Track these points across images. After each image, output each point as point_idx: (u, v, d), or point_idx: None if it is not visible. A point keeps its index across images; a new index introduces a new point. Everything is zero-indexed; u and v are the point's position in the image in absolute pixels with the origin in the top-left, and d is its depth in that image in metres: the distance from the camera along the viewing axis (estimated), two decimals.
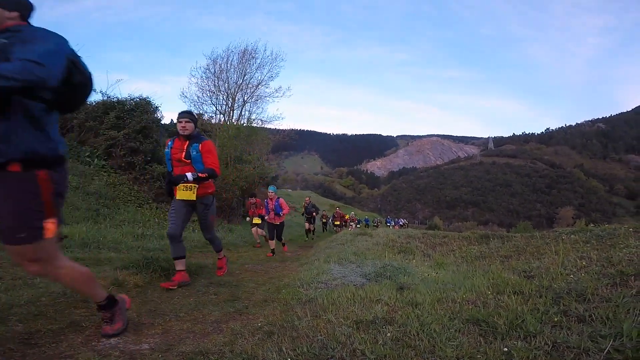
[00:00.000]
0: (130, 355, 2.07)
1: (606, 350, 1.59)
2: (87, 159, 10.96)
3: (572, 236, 5.56)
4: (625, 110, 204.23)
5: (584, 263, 3.42)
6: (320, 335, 2.17)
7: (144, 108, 12.70)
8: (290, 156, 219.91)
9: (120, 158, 11.36)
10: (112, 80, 28.93)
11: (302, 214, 16.78)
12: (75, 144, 11.39)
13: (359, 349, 1.92)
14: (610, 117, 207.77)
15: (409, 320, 2.29)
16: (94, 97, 12.46)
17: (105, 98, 12.78)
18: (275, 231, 7.97)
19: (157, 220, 9.57)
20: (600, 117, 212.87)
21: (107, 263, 4.44)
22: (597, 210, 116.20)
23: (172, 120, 21.83)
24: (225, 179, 14.53)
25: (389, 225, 32.70)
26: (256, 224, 9.24)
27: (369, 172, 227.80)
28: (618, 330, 1.74)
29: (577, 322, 2.00)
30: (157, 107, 13.98)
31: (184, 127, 3.96)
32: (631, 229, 5.07)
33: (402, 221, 42.97)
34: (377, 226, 28.43)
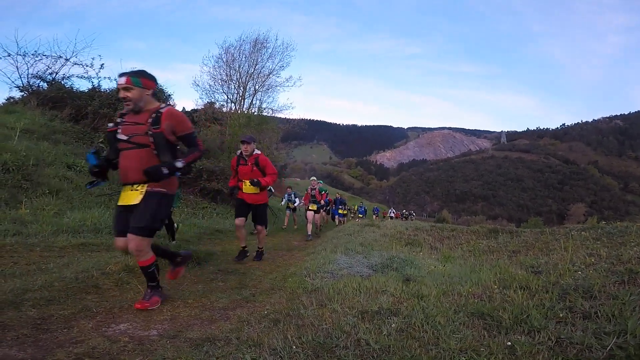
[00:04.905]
0: (139, 341, 2.13)
1: (609, 347, 1.59)
2: (101, 145, 11.13)
3: (582, 233, 5.50)
4: None
5: (592, 260, 3.39)
6: (326, 324, 2.20)
7: (156, 96, 12.81)
8: (299, 145, 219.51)
9: None
10: (126, 69, 29.11)
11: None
12: (89, 130, 11.55)
13: (363, 339, 1.95)
14: (629, 114, 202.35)
15: (414, 312, 2.30)
16: (108, 85, 12.58)
17: None
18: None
19: None
20: (619, 114, 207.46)
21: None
22: (609, 208, 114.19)
23: (184, 108, 21.95)
24: None
25: (360, 215, 24.33)
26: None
27: (378, 163, 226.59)
28: (623, 328, 1.73)
29: (582, 318, 2.00)
30: (169, 95, 14.10)
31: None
32: None
33: (392, 212, 34.27)
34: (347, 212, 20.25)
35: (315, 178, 10.89)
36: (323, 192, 10.67)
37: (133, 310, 2.68)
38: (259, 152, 5.15)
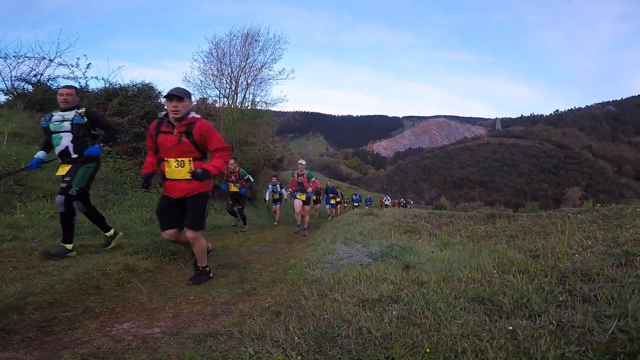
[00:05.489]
0: (143, 339, 2.13)
1: (610, 330, 1.60)
2: None
3: (578, 216, 5.54)
4: (636, 94, 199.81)
5: (589, 243, 3.42)
6: (327, 314, 2.21)
7: (147, 94, 12.66)
8: (295, 138, 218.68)
9: (126, 144, 11.35)
10: (113, 67, 28.67)
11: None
12: None
13: (365, 327, 1.96)
14: (621, 100, 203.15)
15: (415, 299, 2.32)
16: (96, 84, 12.41)
17: (107, 85, 12.76)
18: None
19: None
20: (611, 100, 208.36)
21: (118, 249, 4.51)
22: (604, 191, 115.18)
23: None
24: None
25: (356, 204, 21.97)
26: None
27: (374, 152, 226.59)
28: (623, 311, 1.74)
29: (582, 301, 2.01)
30: (159, 92, 13.96)
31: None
32: (638, 209, 5.04)
33: (387, 200, 31.79)
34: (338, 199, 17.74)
35: (303, 162, 8.57)
36: (312, 178, 8.37)
37: (136, 309, 2.68)
38: (197, 115, 3.32)
